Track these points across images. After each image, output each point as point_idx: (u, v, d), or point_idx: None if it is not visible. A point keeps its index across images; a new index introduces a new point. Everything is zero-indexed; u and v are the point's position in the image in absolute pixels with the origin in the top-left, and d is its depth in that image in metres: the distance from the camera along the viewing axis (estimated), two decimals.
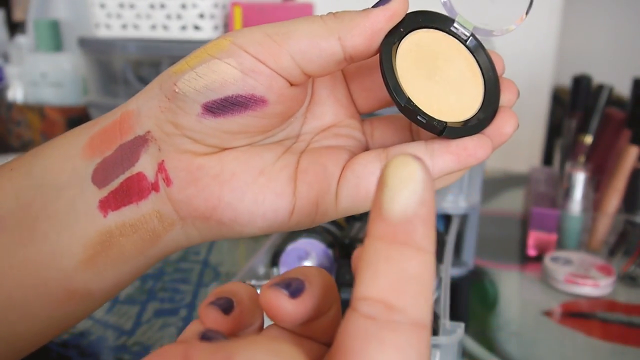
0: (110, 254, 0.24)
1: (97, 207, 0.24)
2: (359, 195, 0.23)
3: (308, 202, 0.24)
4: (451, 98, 0.23)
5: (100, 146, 0.24)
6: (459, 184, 0.50)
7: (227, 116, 0.23)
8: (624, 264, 0.54)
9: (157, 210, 0.24)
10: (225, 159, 0.24)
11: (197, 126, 0.23)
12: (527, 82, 1.18)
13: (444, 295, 0.39)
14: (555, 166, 0.75)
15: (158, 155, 0.24)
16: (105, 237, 0.24)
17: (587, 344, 0.44)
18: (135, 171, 0.24)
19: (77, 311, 0.25)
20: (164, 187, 0.24)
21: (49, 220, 0.24)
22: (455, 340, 0.34)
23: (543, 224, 0.57)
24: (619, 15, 1.34)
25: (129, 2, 0.65)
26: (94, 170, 0.24)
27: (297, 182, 0.24)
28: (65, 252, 0.24)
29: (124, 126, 0.24)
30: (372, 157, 0.23)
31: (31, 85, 0.83)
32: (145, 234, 0.24)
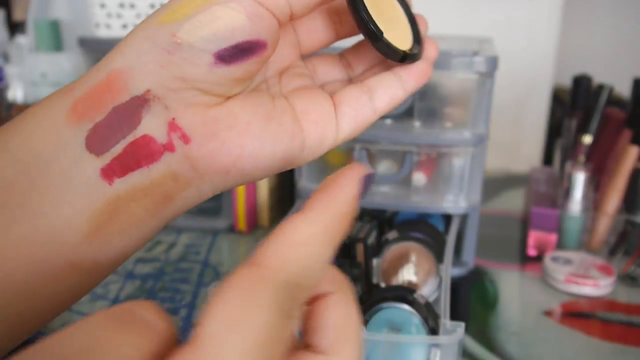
0: (118, 222, 0.23)
1: (100, 175, 0.22)
2: (357, 124, 0.27)
3: (316, 137, 0.26)
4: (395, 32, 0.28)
5: (88, 111, 0.22)
6: (459, 184, 0.50)
7: (238, 63, 0.22)
8: (624, 264, 0.54)
9: (171, 171, 0.23)
10: (234, 109, 0.24)
11: (209, 76, 0.22)
12: (527, 82, 1.18)
13: (444, 295, 0.39)
14: (555, 166, 0.75)
15: (166, 114, 0.23)
16: (112, 205, 0.22)
17: (587, 344, 0.44)
18: (140, 134, 0.22)
19: (82, 283, 0.24)
20: (181, 145, 0.23)
21: (42, 197, 0.22)
22: (456, 340, 0.34)
23: (543, 224, 0.57)
24: (619, 15, 1.34)
25: (129, 2, 0.65)
26: (86, 138, 0.22)
27: (302, 122, 0.26)
28: (67, 227, 0.22)
29: (114, 87, 0.22)
30: (358, 91, 0.28)
31: (31, 85, 0.83)
32: (158, 196, 0.23)
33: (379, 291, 0.39)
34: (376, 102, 0.28)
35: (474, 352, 0.43)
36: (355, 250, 0.44)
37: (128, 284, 0.51)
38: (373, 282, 0.44)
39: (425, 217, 0.52)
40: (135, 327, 0.15)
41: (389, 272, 0.44)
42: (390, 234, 0.46)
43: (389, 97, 0.28)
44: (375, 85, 0.28)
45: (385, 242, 0.45)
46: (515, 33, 1.14)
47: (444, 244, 0.46)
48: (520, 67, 1.15)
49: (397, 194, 0.51)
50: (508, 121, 1.21)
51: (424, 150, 0.50)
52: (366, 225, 0.47)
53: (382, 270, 0.45)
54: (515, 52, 1.12)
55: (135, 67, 0.22)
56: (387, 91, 0.28)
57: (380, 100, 0.28)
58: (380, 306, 0.37)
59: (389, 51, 0.27)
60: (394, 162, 0.51)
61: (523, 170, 0.85)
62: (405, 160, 0.50)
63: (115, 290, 0.50)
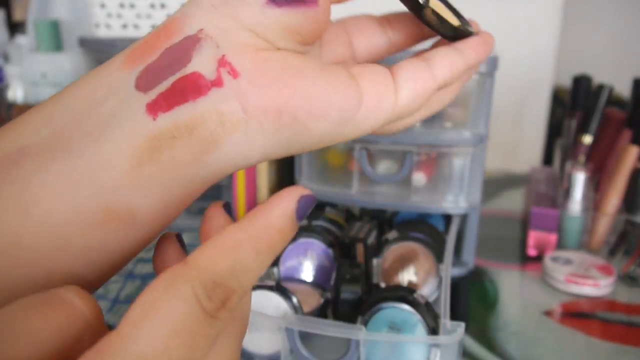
0: (159, 162, 0.22)
1: (145, 111, 0.22)
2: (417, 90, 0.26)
3: (375, 95, 0.25)
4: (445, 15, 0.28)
5: (143, 55, 0.22)
6: (459, 184, 0.50)
7: (289, 8, 0.23)
8: (624, 264, 0.54)
9: (218, 108, 0.22)
10: (286, 55, 0.24)
11: (260, 17, 0.23)
12: (527, 82, 1.18)
13: (444, 294, 0.39)
14: (555, 166, 0.75)
15: (217, 52, 0.22)
16: (154, 142, 0.21)
17: (587, 344, 0.44)
18: (189, 71, 0.22)
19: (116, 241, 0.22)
20: (230, 80, 0.22)
21: (87, 136, 0.21)
22: (456, 340, 0.34)
23: (543, 224, 0.58)
24: (619, 15, 1.34)
25: (129, 2, 0.65)
26: (137, 78, 0.22)
27: (358, 80, 0.25)
28: (106, 165, 0.21)
29: (170, 30, 0.23)
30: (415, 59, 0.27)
31: (31, 85, 0.83)
32: (203, 136, 0.22)
33: (379, 291, 0.39)
34: (434, 68, 0.27)
35: (474, 352, 0.43)
36: (355, 250, 0.44)
37: (128, 284, 0.51)
38: (373, 282, 0.44)
39: (425, 217, 0.52)
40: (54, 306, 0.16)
41: (389, 272, 0.44)
42: (390, 234, 0.46)
43: (448, 63, 0.27)
44: (432, 55, 0.27)
45: (385, 242, 0.45)
46: (515, 33, 1.14)
47: (444, 244, 0.46)
48: (520, 67, 1.15)
49: (397, 194, 0.51)
50: (508, 121, 1.21)
51: (424, 150, 0.50)
52: (366, 225, 0.47)
53: (382, 270, 0.45)
54: (515, 52, 1.12)
55: (190, 12, 0.23)
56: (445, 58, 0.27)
57: (439, 67, 0.26)
58: (380, 306, 0.37)
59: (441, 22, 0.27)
60: (394, 162, 0.51)
61: (523, 170, 0.85)
62: (405, 160, 0.50)
63: (115, 290, 0.50)
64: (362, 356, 0.36)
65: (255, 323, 0.37)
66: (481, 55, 0.28)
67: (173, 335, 0.16)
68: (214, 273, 0.17)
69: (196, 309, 0.16)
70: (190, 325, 0.16)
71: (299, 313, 0.39)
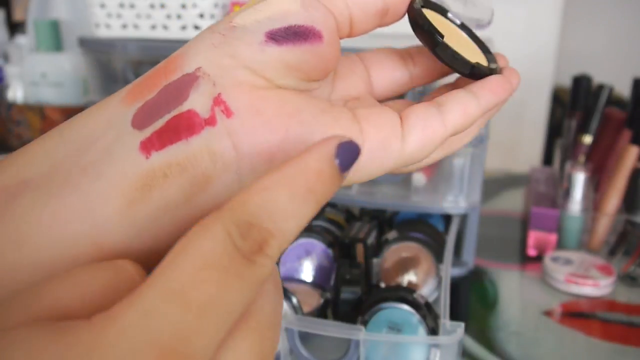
0: (151, 201, 0.22)
1: (138, 148, 0.22)
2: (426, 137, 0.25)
3: (377, 143, 0.24)
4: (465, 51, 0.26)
5: (142, 92, 0.23)
6: (459, 184, 0.50)
7: (289, 45, 0.23)
8: (624, 264, 0.54)
9: (210, 147, 0.22)
10: (285, 96, 0.23)
11: (259, 55, 0.22)
12: (527, 82, 1.18)
13: (444, 295, 0.39)
14: (555, 166, 0.75)
15: (213, 90, 0.22)
16: (146, 180, 0.21)
17: (587, 344, 0.44)
18: (185, 109, 0.22)
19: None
20: (223, 118, 0.22)
21: (82, 172, 0.21)
22: (455, 340, 0.34)
23: (543, 224, 0.58)
24: (619, 15, 1.34)
25: (129, 2, 0.65)
26: (134, 115, 0.22)
27: (362, 124, 0.24)
28: (98, 202, 0.21)
29: (169, 68, 0.23)
30: (426, 104, 0.26)
31: (31, 85, 0.83)
32: (194, 175, 0.22)
33: (379, 291, 0.39)
34: (447, 114, 0.25)
35: (474, 352, 0.43)
36: (355, 250, 0.44)
37: None
38: (373, 282, 0.44)
39: (425, 217, 0.52)
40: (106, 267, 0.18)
41: (389, 272, 0.44)
42: (390, 234, 0.46)
43: (461, 110, 0.25)
44: (445, 100, 0.26)
45: (385, 242, 0.45)
46: (515, 33, 1.14)
47: (444, 244, 0.46)
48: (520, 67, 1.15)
49: (397, 194, 0.51)
50: (508, 121, 1.21)
51: None
52: (366, 225, 0.47)
53: (382, 270, 0.45)
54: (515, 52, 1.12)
55: (190, 50, 0.23)
56: (458, 103, 0.25)
57: (451, 113, 0.25)
58: (380, 306, 0.37)
59: (455, 56, 0.25)
60: None
61: (523, 170, 0.85)
62: None
63: None
64: (361, 356, 0.36)
65: None
66: (501, 97, 0.26)
67: (202, 268, 0.15)
68: (247, 213, 0.16)
69: (228, 246, 0.16)
70: (221, 261, 0.15)
71: (298, 313, 0.39)
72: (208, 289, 0.15)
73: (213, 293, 0.15)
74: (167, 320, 0.15)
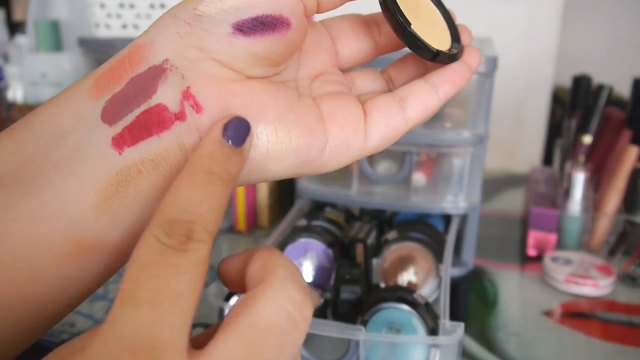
0: (126, 196, 0.22)
1: (110, 145, 0.22)
2: (387, 133, 0.26)
3: (340, 142, 0.25)
4: (431, 34, 0.27)
5: (108, 84, 0.22)
6: (459, 184, 0.50)
7: (257, 36, 0.22)
8: (624, 264, 0.54)
9: (181, 142, 0.22)
10: (253, 90, 0.23)
11: (226, 47, 0.22)
12: (527, 82, 1.18)
13: (444, 295, 0.39)
14: (555, 166, 0.75)
15: (182, 84, 0.22)
16: (120, 176, 0.22)
17: (587, 344, 0.44)
18: (154, 103, 0.22)
19: (90, 269, 0.23)
20: (193, 114, 0.22)
21: (54, 168, 0.22)
22: (455, 340, 0.34)
23: (543, 224, 0.58)
24: (619, 15, 1.34)
25: (129, 2, 0.65)
26: (102, 109, 0.22)
27: (327, 123, 0.25)
28: (74, 199, 0.21)
29: (134, 59, 0.22)
30: (389, 99, 0.27)
31: (31, 85, 0.83)
32: (167, 170, 0.22)
33: (379, 291, 0.39)
34: (408, 110, 0.26)
35: (474, 352, 0.43)
36: (355, 251, 0.44)
37: None
38: (373, 282, 0.44)
39: (424, 217, 0.52)
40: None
41: (388, 272, 0.44)
42: (390, 234, 0.46)
43: (422, 105, 0.27)
44: (407, 94, 0.27)
45: (385, 243, 0.45)
46: (515, 33, 1.14)
47: (444, 244, 0.46)
48: (520, 67, 1.15)
49: (397, 194, 0.51)
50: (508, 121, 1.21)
51: (423, 150, 0.50)
52: (366, 225, 0.47)
53: (382, 270, 0.45)
54: (515, 52, 1.12)
55: (155, 40, 0.23)
56: (419, 99, 0.27)
57: (412, 109, 0.26)
58: (380, 306, 0.37)
59: (419, 45, 0.26)
60: (393, 162, 0.51)
61: (523, 170, 0.85)
62: (405, 160, 0.50)
63: (115, 290, 0.50)
64: (361, 356, 0.36)
65: None
66: (459, 86, 0.27)
67: (140, 270, 0.18)
68: (166, 214, 0.19)
69: (157, 246, 0.18)
70: (152, 258, 0.18)
71: None
72: (149, 285, 0.17)
73: (154, 287, 0.17)
74: (128, 323, 0.17)
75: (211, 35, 0.22)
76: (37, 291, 0.22)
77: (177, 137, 0.22)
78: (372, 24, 0.29)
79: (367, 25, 0.29)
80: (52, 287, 0.22)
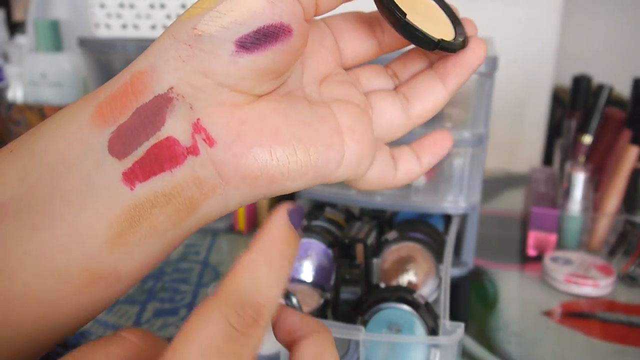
0: (140, 230, 0.22)
1: (121, 180, 0.21)
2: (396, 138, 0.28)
3: (355, 158, 0.25)
4: (431, 26, 0.26)
5: (112, 113, 0.22)
6: (459, 184, 0.50)
7: (261, 50, 0.21)
8: (624, 264, 0.54)
9: (195, 176, 0.22)
10: (263, 111, 0.23)
11: (232, 68, 0.21)
12: (527, 82, 1.18)
13: (444, 295, 0.39)
14: (555, 166, 0.75)
15: (190, 115, 0.22)
16: (133, 212, 0.21)
17: (587, 344, 0.44)
18: (163, 136, 0.21)
19: (103, 297, 0.23)
20: (206, 148, 0.22)
21: (63, 201, 0.21)
22: (455, 340, 0.34)
23: (543, 224, 0.57)
24: (619, 15, 1.34)
25: (129, 2, 0.65)
26: (109, 141, 0.21)
27: (345, 137, 0.25)
28: (87, 234, 0.21)
29: (137, 87, 0.22)
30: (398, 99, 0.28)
31: (31, 85, 0.83)
32: (181, 203, 0.22)
33: (379, 291, 0.39)
34: (414, 109, 0.28)
35: (474, 352, 0.43)
36: (355, 251, 0.44)
37: None
38: (373, 282, 0.44)
39: (424, 217, 0.52)
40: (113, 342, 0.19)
41: (388, 272, 0.44)
42: (390, 234, 0.46)
43: (431, 105, 0.27)
44: (413, 93, 0.27)
45: (385, 243, 0.45)
46: (515, 33, 1.14)
47: (444, 244, 0.46)
48: (520, 67, 1.15)
49: (397, 194, 0.51)
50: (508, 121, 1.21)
51: None
52: (366, 225, 0.47)
53: (382, 270, 0.45)
54: (515, 52, 1.12)
55: (157, 65, 0.22)
56: (426, 100, 0.27)
57: (418, 108, 0.28)
58: (380, 306, 0.37)
59: (417, 35, 0.25)
60: None
61: (523, 170, 0.85)
62: None
63: None
64: (361, 356, 0.36)
65: None
66: (466, 75, 0.27)
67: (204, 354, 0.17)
68: (239, 293, 0.18)
69: (226, 329, 0.17)
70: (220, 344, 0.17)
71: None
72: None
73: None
74: None
75: (214, 56, 0.21)
76: (50, 319, 0.22)
77: (191, 171, 0.22)
78: (375, 21, 0.28)
79: (369, 23, 0.28)
80: (65, 315, 0.22)
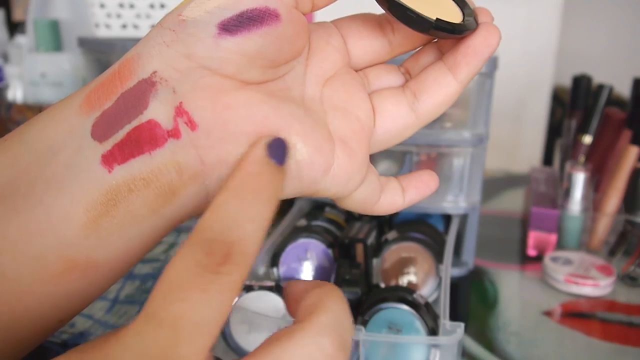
0: (116, 215, 0.21)
1: (100, 162, 0.21)
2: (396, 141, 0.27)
3: (345, 173, 0.24)
4: (433, 11, 0.24)
5: (99, 100, 0.22)
6: (459, 184, 0.50)
7: (245, 33, 0.21)
8: (624, 264, 0.54)
9: (176, 160, 0.21)
10: (252, 100, 0.22)
11: (215, 51, 0.21)
12: (527, 82, 1.18)
13: (444, 295, 0.39)
14: (555, 166, 0.75)
15: (173, 98, 0.21)
16: (110, 195, 0.21)
17: (587, 344, 0.44)
18: (145, 119, 0.21)
19: (80, 288, 0.22)
20: (188, 132, 0.21)
21: (45, 185, 0.21)
22: (455, 340, 0.34)
23: (543, 224, 0.57)
24: (619, 15, 1.34)
25: (129, 2, 0.65)
26: (92, 125, 0.21)
27: (337, 148, 0.24)
28: (63, 217, 0.21)
29: (124, 73, 0.22)
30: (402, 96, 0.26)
31: (31, 85, 0.83)
32: (159, 188, 0.21)
33: (379, 291, 0.39)
34: (421, 105, 0.26)
35: (474, 352, 0.43)
36: (355, 251, 0.44)
37: (128, 284, 0.51)
38: (373, 282, 0.44)
39: (424, 217, 0.52)
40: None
41: (388, 272, 0.44)
42: (390, 234, 0.46)
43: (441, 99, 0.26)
44: (421, 89, 0.26)
45: (385, 243, 0.45)
46: (515, 33, 1.14)
47: (444, 244, 0.46)
48: (520, 67, 1.15)
49: None
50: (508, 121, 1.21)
51: (424, 151, 0.50)
52: (366, 225, 0.47)
53: (382, 270, 0.45)
54: (515, 52, 1.12)
55: (143, 52, 0.22)
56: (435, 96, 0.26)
57: (424, 103, 0.26)
58: (380, 306, 0.37)
59: (410, 15, 0.23)
60: (393, 162, 0.51)
61: (523, 170, 0.85)
62: (405, 160, 0.50)
63: (115, 290, 0.50)
64: (361, 356, 0.36)
65: (255, 323, 0.37)
66: (477, 66, 0.25)
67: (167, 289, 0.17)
68: (208, 231, 0.18)
69: (191, 264, 0.17)
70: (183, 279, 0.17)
71: None
72: (174, 308, 0.17)
73: (179, 310, 0.17)
74: (149, 338, 0.17)
75: (197, 39, 0.21)
76: (26, 307, 0.21)
77: (172, 155, 0.21)
78: (385, 22, 0.27)
79: (379, 23, 0.27)
80: (41, 303, 0.22)
